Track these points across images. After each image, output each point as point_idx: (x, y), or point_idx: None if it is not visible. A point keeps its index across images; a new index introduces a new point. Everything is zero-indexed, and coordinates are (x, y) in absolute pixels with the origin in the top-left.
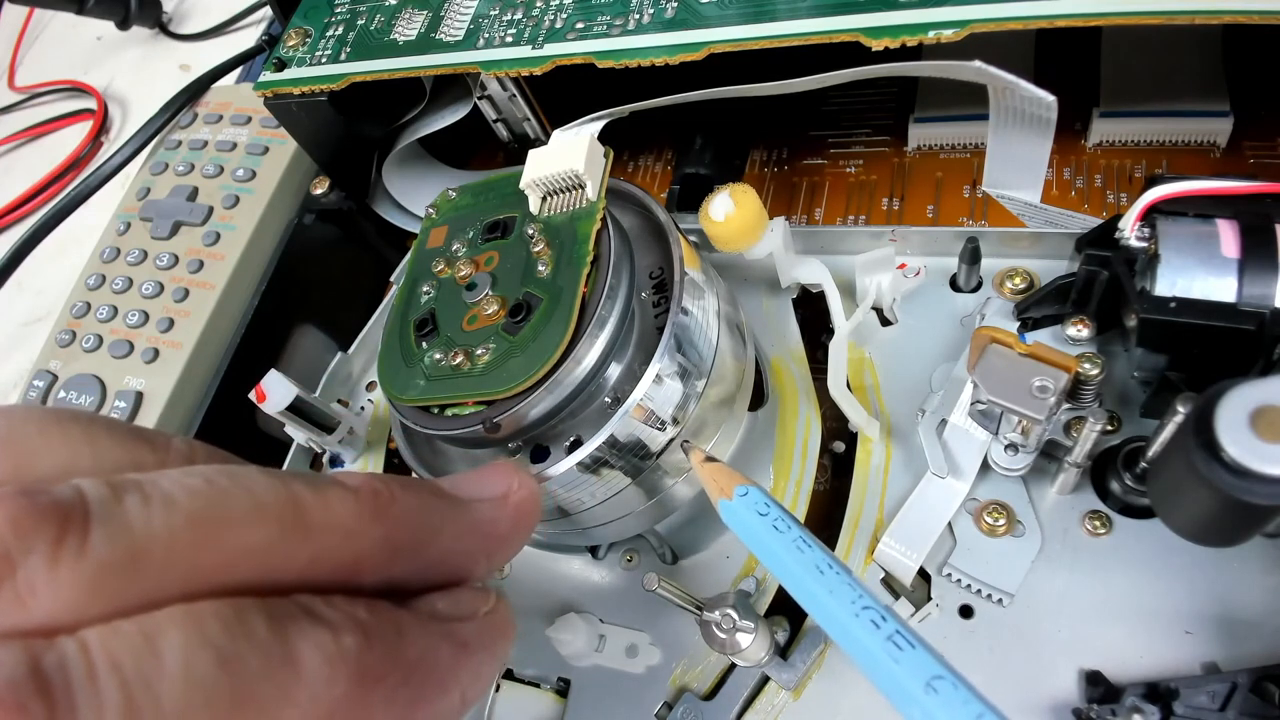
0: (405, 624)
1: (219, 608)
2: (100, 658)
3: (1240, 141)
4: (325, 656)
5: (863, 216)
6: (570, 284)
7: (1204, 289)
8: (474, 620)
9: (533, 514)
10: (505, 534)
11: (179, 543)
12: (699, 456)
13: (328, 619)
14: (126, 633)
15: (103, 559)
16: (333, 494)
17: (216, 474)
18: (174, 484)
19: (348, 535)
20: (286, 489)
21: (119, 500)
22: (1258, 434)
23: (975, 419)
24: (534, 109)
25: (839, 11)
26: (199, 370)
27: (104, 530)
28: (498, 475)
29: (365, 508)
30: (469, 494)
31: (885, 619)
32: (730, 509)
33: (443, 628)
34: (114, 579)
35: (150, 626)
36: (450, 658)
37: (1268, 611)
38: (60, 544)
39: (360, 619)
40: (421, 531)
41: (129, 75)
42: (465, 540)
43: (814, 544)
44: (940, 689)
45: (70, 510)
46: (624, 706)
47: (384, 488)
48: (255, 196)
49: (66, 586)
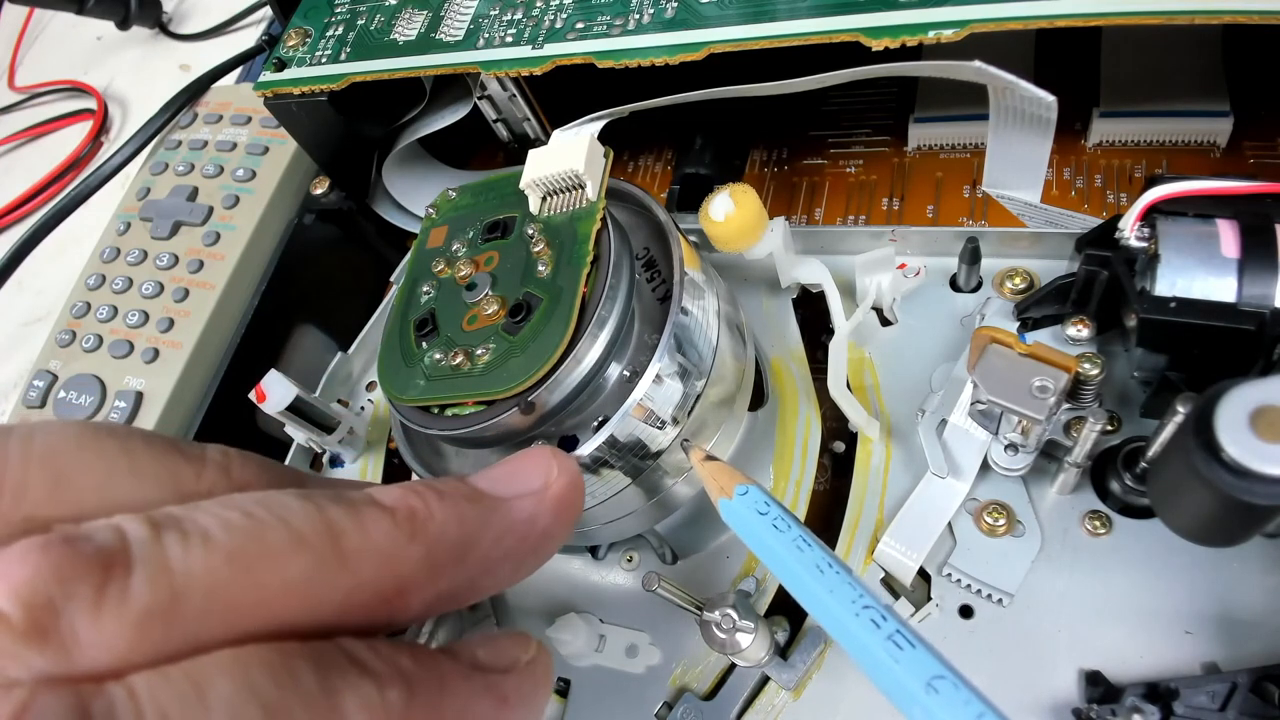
0: (448, 676)
1: (265, 655)
2: (149, 706)
3: (1240, 141)
4: (369, 710)
5: (863, 216)
6: (570, 284)
7: (1204, 289)
8: (514, 672)
9: (575, 503)
10: (547, 528)
11: (219, 582)
12: (699, 455)
13: (373, 670)
14: (174, 680)
15: (146, 604)
16: (369, 517)
17: (253, 505)
18: (212, 519)
19: (387, 560)
20: (323, 517)
21: (158, 540)
22: (1258, 434)
23: (975, 419)
24: (534, 109)
25: (839, 11)
26: (199, 370)
27: (145, 573)
28: (534, 465)
29: (403, 530)
30: (506, 491)
31: (885, 618)
32: (730, 508)
33: (484, 680)
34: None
35: (197, 675)
36: (489, 712)
37: (1268, 611)
38: (103, 591)
39: (405, 670)
40: (462, 543)
41: (129, 75)
42: (506, 543)
43: (814, 543)
44: (941, 688)
45: (113, 556)
46: (624, 706)
47: (420, 504)
48: (255, 196)
49: (111, 633)
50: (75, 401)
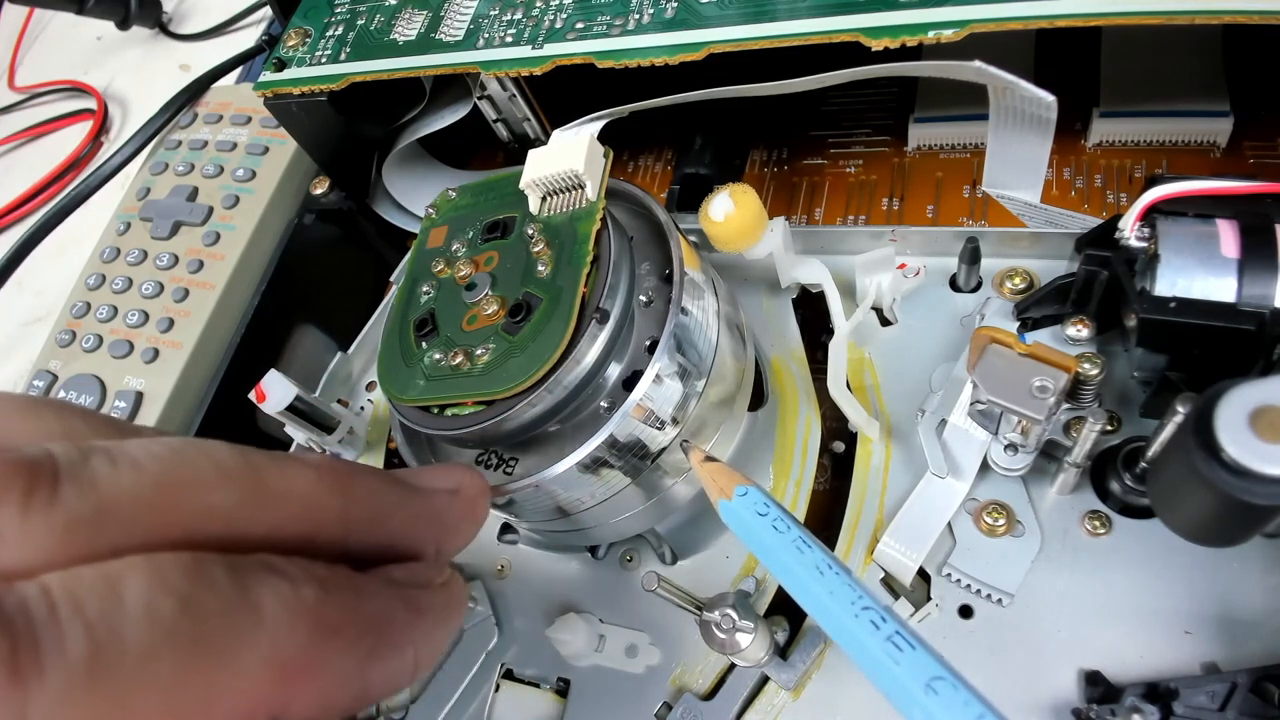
0: (362, 584)
1: (180, 557)
2: (61, 598)
3: (1240, 141)
4: (284, 604)
5: (863, 216)
6: (570, 284)
7: (1204, 289)
8: (428, 588)
9: (481, 509)
10: (455, 523)
11: (145, 501)
12: (699, 456)
13: (287, 571)
14: (87, 576)
15: (71, 512)
16: (293, 467)
17: (182, 443)
18: (140, 449)
19: (306, 506)
20: (248, 459)
21: (87, 460)
22: (1258, 434)
23: (975, 419)
24: (534, 109)
25: (839, 11)
26: (199, 370)
27: (73, 486)
28: (451, 472)
29: (325, 482)
30: (425, 484)
31: (885, 619)
32: (730, 509)
33: (398, 591)
34: (82, 531)
35: (112, 571)
36: (405, 618)
37: (1268, 611)
38: (30, 495)
39: (319, 574)
40: (376, 510)
41: (129, 75)
42: (418, 524)
43: (814, 544)
44: (940, 690)
45: (39, 466)
46: (624, 706)
47: (343, 466)
48: (255, 196)
49: (36, 536)
50: (75, 401)
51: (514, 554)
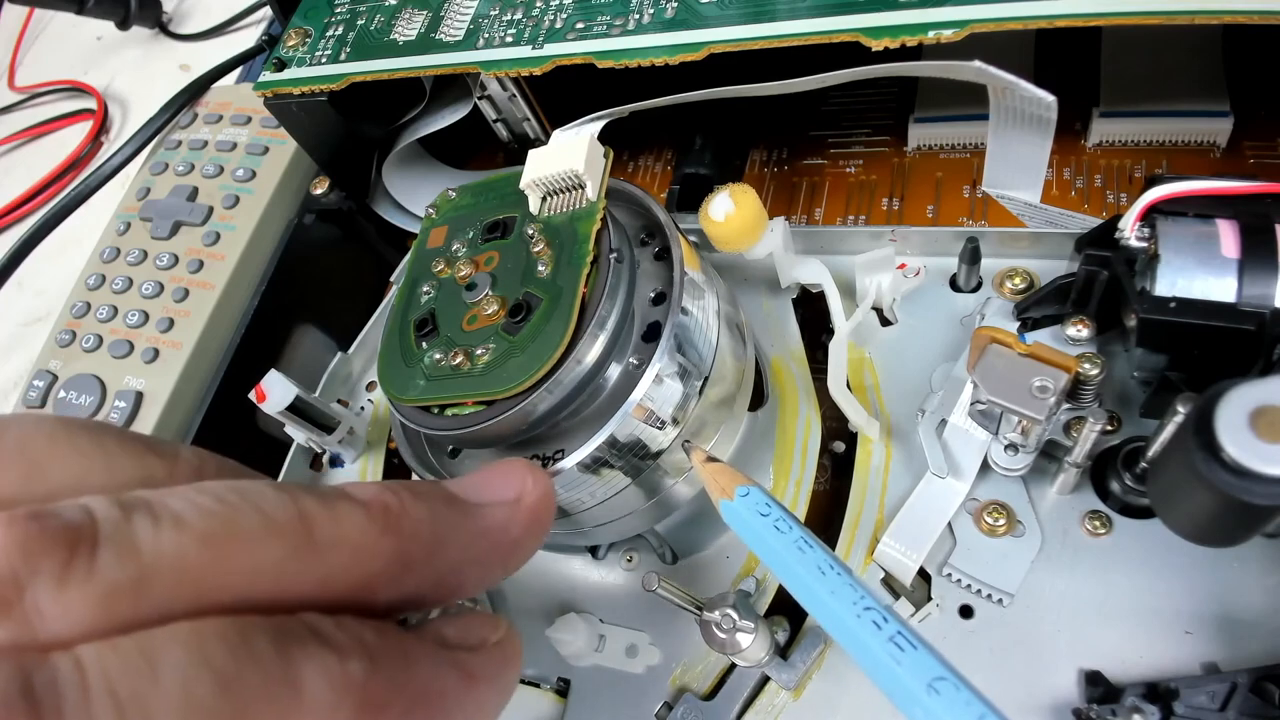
0: (413, 651)
1: (223, 626)
2: (95, 676)
3: (1240, 141)
4: (330, 681)
5: (863, 216)
6: (570, 284)
7: (1204, 289)
8: (482, 651)
9: (547, 517)
10: (518, 539)
11: (188, 563)
12: (700, 456)
13: (335, 641)
14: (124, 650)
15: (111, 580)
16: (342, 509)
17: (227, 491)
18: (184, 503)
19: (358, 552)
20: (296, 506)
21: (128, 520)
22: (1258, 434)
23: (975, 419)
24: (534, 109)
25: (839, 11)
26: (199, 370)
27: (112, 551)
28: (509, 476)
29: (376, 523)
30: (480, 498)
31: (887, 620)
32: (731, 509)
33: (451, 657)
34: (122, 600)
35: (149, 645)
36: (456, 688)
37: (1268, 611)
38: (69, 567)
39: (367, 643)
40: (433, 543)
41: (129, 75)
42: (477, 548)
43: (815, 544)
44: (942, 690)
45: (79, 532)
46: (624, 706)
47: (394, 500)
48: (255, 196)
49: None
50: (75, 401)
51: None
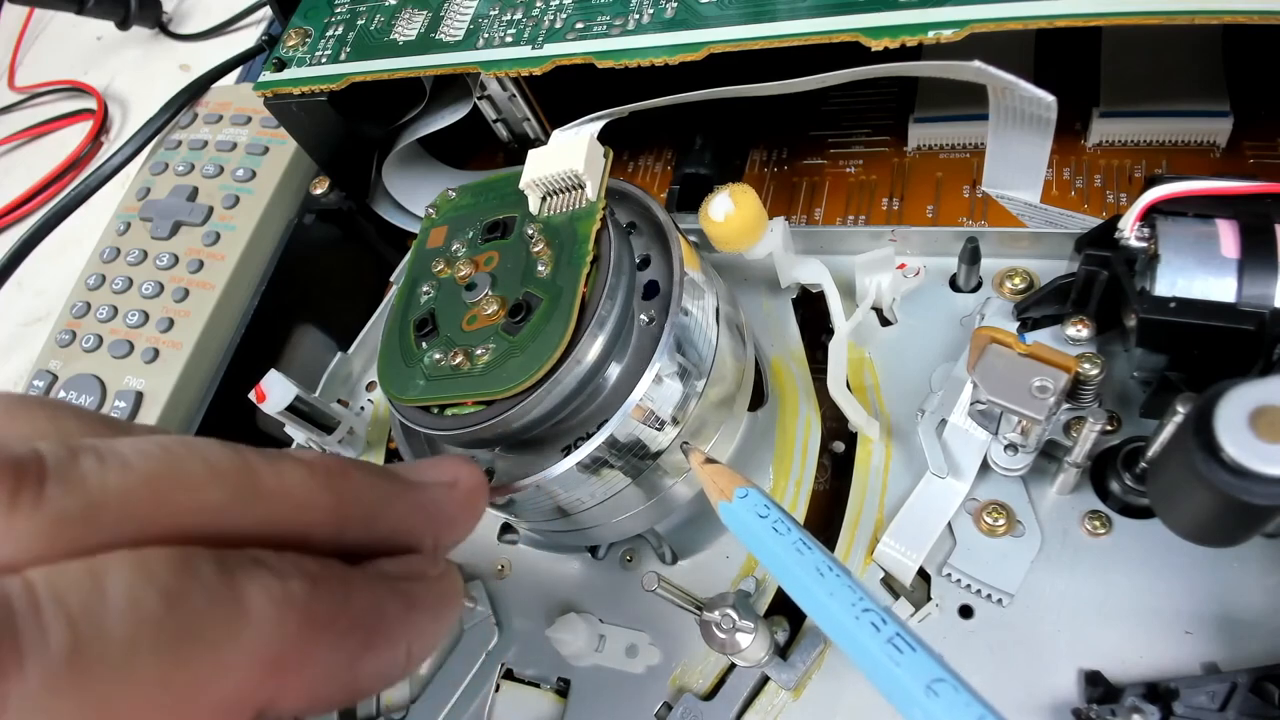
0: (353, 577)
1: (167, 552)
2: (44, 593)
3: (1240, 141)
4: (272, 599)
5: (863, 216)
6: (570, 284)
7: (1204, 289)
8: (422, 580)
9: (479, 501)
10: (452, 516)
11: (133, 500)
12: (699, 458)
13: (276, 567)
14: (72, 570)
15: (57, 509)
16: (286, 465)
17: (172, 441)
18: (130, 448)
19: (298, 503)
20: (240, 456)
21: (75, 459)
22: (1257, 434)
23: (975, 419)
24: (534, 109)
25: (839, 11)
26: (199, 370)
27: (60, 484)
28: (448, 464)
29: (317, 479)
30: (420, 478)
31: (886, 621)
32: (730, 511)
33: (391, 584)
34: (68, 528)
35: (97, 566)
36: (398, 611)
37: (1268, 611)
38: (16, 494)
39: (308, 568)
40: (371, 505)
41: (129, 75)
42: (414, 518)
43: (814, 546)
44: (941, 691)
45: (26, 464)
46: (624, 706)
47: (336, 464)
48: (255, 196)
49: (22, 534)
50: (75, 401)
51: (514, 554)
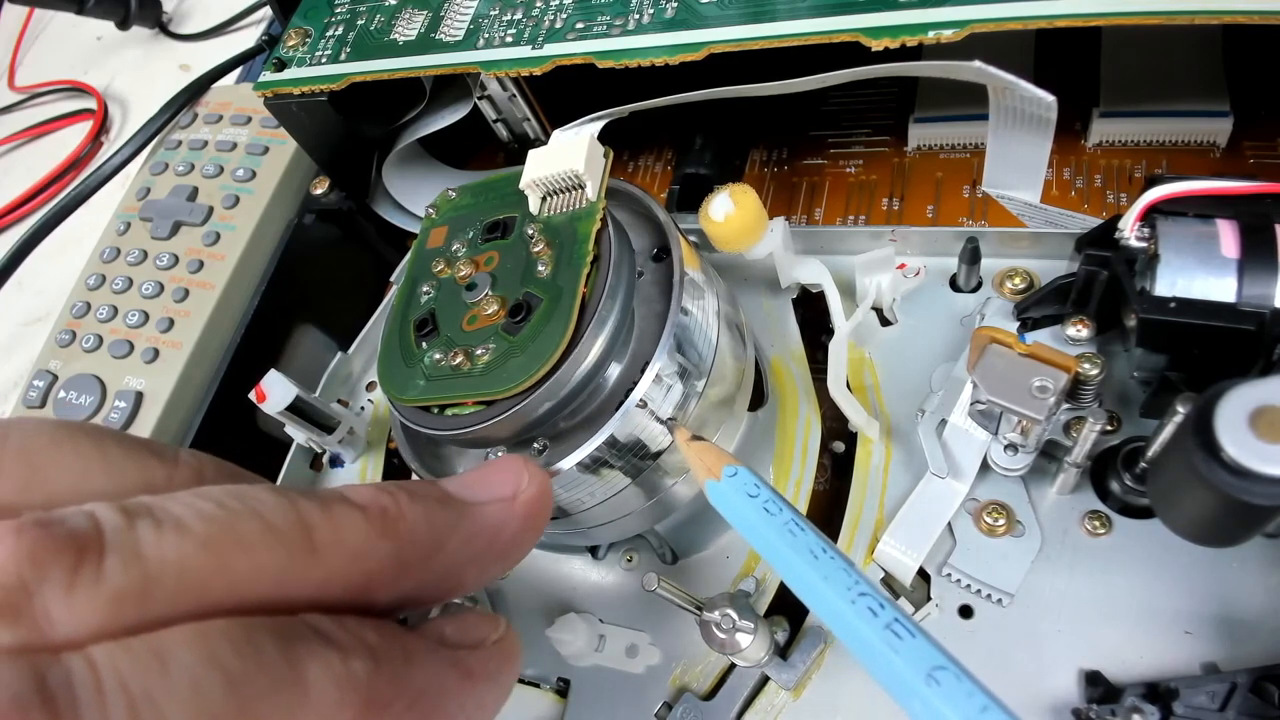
0: (414, 649)
1: (228, 627)
2: (107, 674)
3: (1240, 141)
4: (334, 680)
5: (863, 216)
6: (570, 284)
7: (1204, 289)
8: (482, 649)
9: (543, 513)
10: (515, 536)
11: (191, 567)
12: (684, 435)
13: (338, 640)
14: (135, 650)
15: (118, 585)
16: (340, 513)
17: (226, 496)
18: (185, 508)
19: (357, 554)
20: (296, 510)
21: (132, 526)
22: (1258, 434)
23: (975, 419)
24: (534, 109)
25: (839, 11)
26: (199, 370)
27: (118, 557)
28: (505, 473)
29: (374, 526)
30: (475, 496)
31: (884, 606)
32: (718, 490)
33: (450, 655)
34: (129, 604)
35: (158, 645)
36: (456, 686)
37: (1268, 611)
38: (76, 573)
39: (370, 642)
40: (430, 543)
41: (129, 75)
42: (474, 546)
43: (807, 527)
44: (942, 680)
45: (85, 539)
46: (624, 706)
47: (391, 503)
48: (255, 196)
49: (82, 613)
50: (75, 401)
51: None
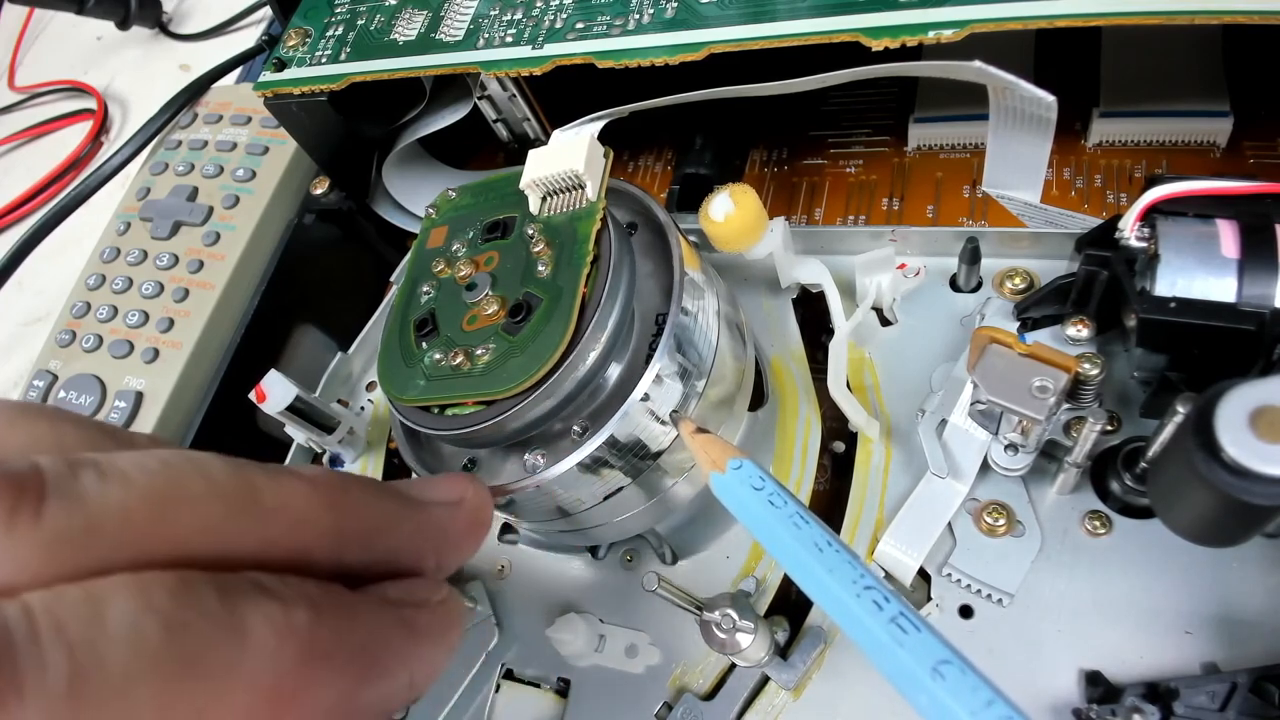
0: (356, 605)
1: (167, 577)
2: (44, 619)
3: (1240, 141)
4: (274, 628)
5: (863, 216)
6: (570, 284)
7: (1204, 289)
8: (425, 607)
9: (484, 521)
10: (457, 536)
11: (133, 517)
12: (689, 427)
13: (278, 592)
14: (71, 595)
15: (57, 528)
16: (287, 481)
17: (173, 456)
18: (131, 463)
19: (300, 520)
20: (241, 473)
21: (75, 475)
22: (1258, 434)
23: (975, 419)
24: (534, 109)
25: (839, 11)
26: (199, 370)
27: (59, 502)
28: (453, 482)
29: (319, 496)
30: (424, 496)
31: (889, 600)
32: (722, 482)
33: (394, 612)
34: (68, 548)
35: (96, 591)
36: (400, 641)
37: (1268, 611)
38: (15, 512)
39: (311, 595)
40: (373, 524)
41: (129, 75)
42: (417, 538)
43: (812, 520)
44: (948, 674)
45: (25, 481)
46: (624, 706)
47: (338, 480)
48: (255, 196)
49: (20, 554)
50: (75, 401)
51: (514, 554)
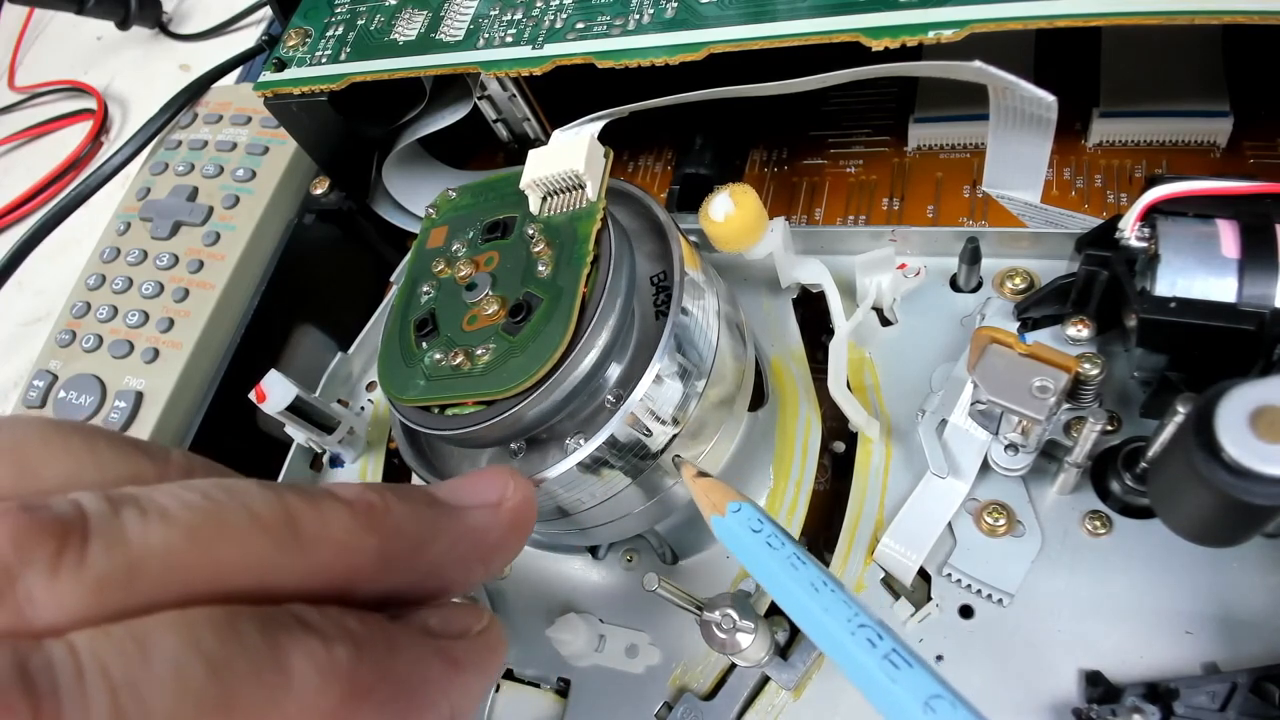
0: (398, 638)
1: (211, 614)
2: (88, 660)
3: (1240, 141)
4: (317, 666)
5: (863, 216)
6: (570, 284)
7: (1204, 289)
8: (465, 638)
9: (527, 520)
10: (499, 541)
11: (176, 555)
12: (690, 471)
13: (320, 629)
14: (116, 636)
15: (101, 570)
16: (327, 506)
17: (213, 488)
18: (171, 498)
19: (342, 548)
20: (281, 502)
21: (117, 514)
22: (1258, 434)
23: (975, 419)
24: (534, 109)
25: (839, 11)
26: (199, 370)
27: (102, 543)
28: (492, 480)
29: (360, 520)
30: (462, 500)
31: (882, 637)
32: (723, 525)
33: (434, 644)
34: (111, 589)
35: (140, 631)
36: (441, 674)
37: (1268, 611)
38: (60, 557)
39: (353, 630)
40: (414, 541)
41: (129, 75)
42: (459, 548)
43: (808, 561)
44: (938, 708)
45: (69, 524)
46: (624, 706)
47: (378, 499)
48: (255, 196)
49: (65, 597)
50: (75, 401)
51: None
